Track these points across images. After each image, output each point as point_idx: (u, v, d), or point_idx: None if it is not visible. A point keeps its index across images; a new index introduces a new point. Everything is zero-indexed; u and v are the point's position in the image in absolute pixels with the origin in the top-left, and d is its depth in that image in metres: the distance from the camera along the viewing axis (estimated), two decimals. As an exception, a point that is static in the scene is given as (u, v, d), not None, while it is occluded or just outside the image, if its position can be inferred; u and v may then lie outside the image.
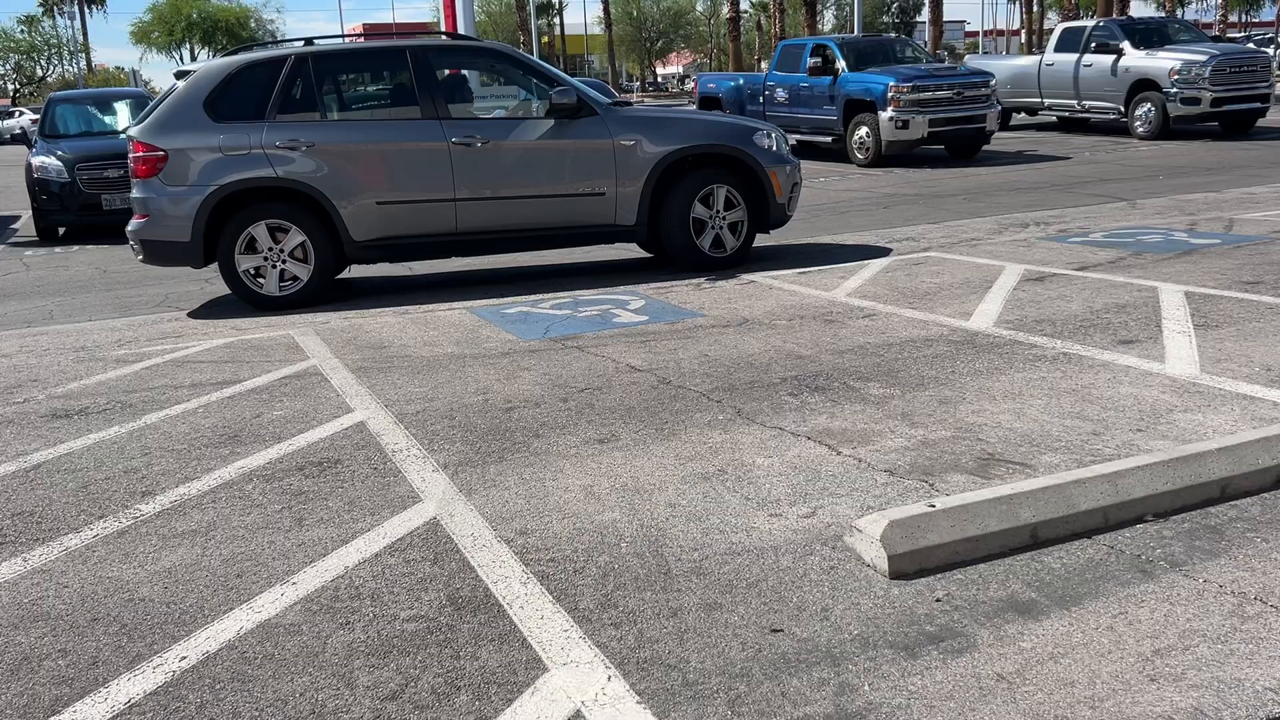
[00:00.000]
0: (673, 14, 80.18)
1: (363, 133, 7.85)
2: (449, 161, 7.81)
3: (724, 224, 8.41)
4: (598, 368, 5.65)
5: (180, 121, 7.61)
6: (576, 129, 8.03)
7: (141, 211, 7.69)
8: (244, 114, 7.68)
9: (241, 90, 7.74)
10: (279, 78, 7.78)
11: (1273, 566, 3.10)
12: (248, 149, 7.56)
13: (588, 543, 3.49)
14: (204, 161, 7.54)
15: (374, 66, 8.60)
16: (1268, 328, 5.72)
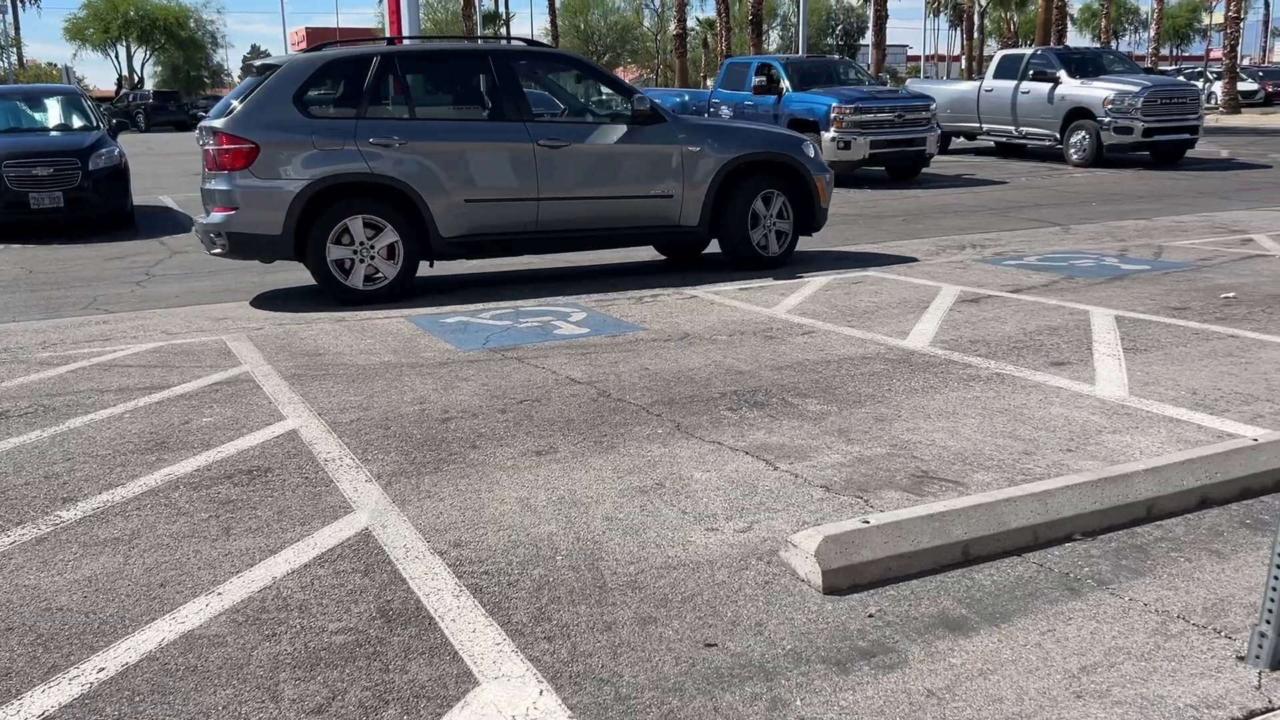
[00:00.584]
0: (620, 28, 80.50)
1: (453, 132, 8.03)
2: (534, 162, 8.05)
3: (774, 227, 8.91)
4: (537, 379, 5.62)
5: (271, 115, 7.60)
6: (647, 135, 8.41)
7: (227, 204, 7.60)
8: (335, 110, 7.83)
9: (330, 86, 7.88)
10: (368, 75, 7.89)
11: (1195, 586, 3.17)
12: (341, 144, 7.61)
13: (523, 555, 3.46)
14: (297, 155, 7.56)
15: (457, 68, 8.71)
16: (1194, 352, 5.87)
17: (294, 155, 7.56)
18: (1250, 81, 50.51)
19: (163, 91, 60.09)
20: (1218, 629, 2.91)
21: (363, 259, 7.76)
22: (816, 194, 9.00)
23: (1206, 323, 6.57)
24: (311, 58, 8.01)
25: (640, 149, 8.39)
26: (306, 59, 7.99)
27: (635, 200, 8.43)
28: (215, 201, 7.69)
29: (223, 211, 7.62)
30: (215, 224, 7.67)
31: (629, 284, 8.51)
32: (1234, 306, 7.04)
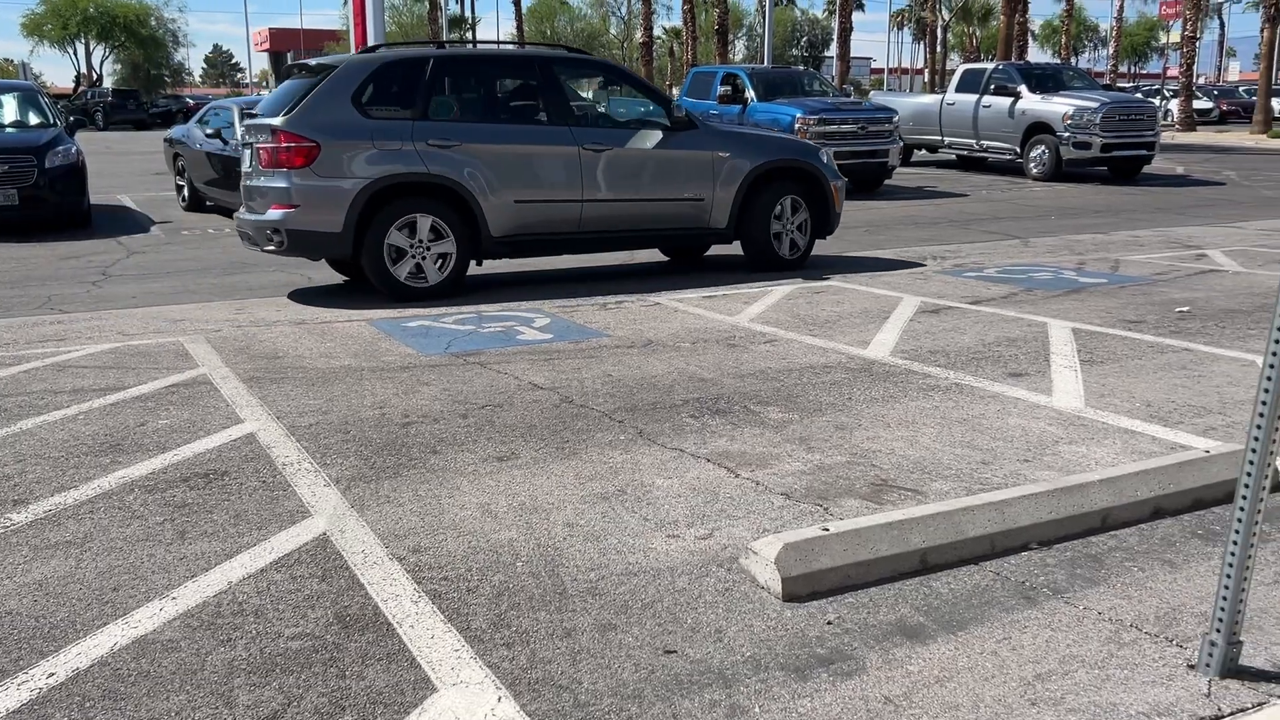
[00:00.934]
0: (586, 35, 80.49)
1: (504, 135, 8.23)
2: (579, 165, 8.35)
3: (793, 230, 9.30)
4: (499, 384, 5.60)
5: (330, 115, 7.70)
6: (682, 140, 8.76)
7: (286, 201, 7.65)
8: (392, 110, 7.93)
9: (386, 87, 8.01)
10: (424, 77, 8.08)
11: (1148, 595, 3.21)
12: (399, 145, 7.77)
13: (483, 562, 3.44)
14: (357, 154, 7.68)
15: (506, 72, 8.89)
16: (1148, 365, 5.96)
17: (354, 155, 7.68)
18: (1205, 100, 51.44)
19: (122, 90, 59.24)
20: (1169, 638, 2.95)
21: (417, 257, 7.93)
22: (832, 199, 9.42)
23: (1161, 336, 6.68)
24: (369, 59, 8.16)
25: (675, 154, 8.72)
26: (364, 60, 8.13)
27: (670, 203, 8.79)
28: (271, 199, 7.73)
29: (281, 209, 7.67)
30: (272, 221, 7.70)
31: (594, 289, 8.51)
32: (1188, 320, 7.16)
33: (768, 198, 9.07)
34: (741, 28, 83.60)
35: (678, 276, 9.19)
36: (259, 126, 7.89)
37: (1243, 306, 7.62)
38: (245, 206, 8.21)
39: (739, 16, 78.83)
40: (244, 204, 8.27)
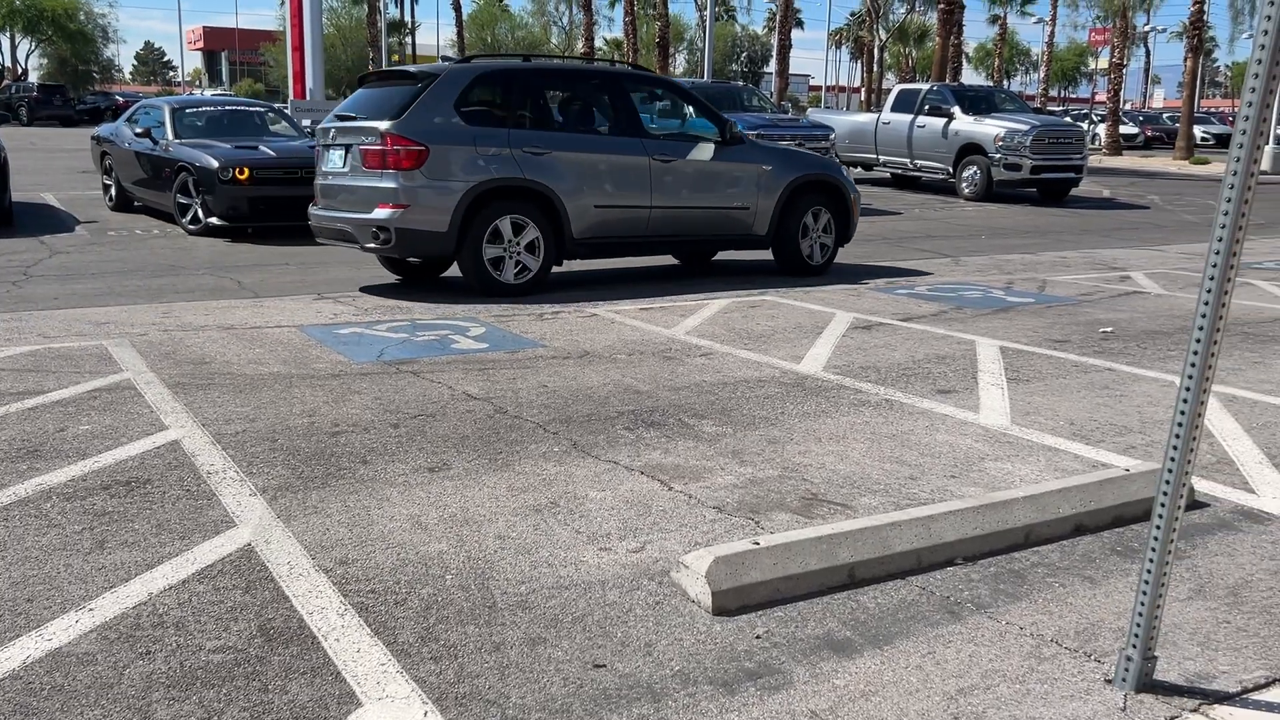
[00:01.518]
0: (527, 44, 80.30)
1: (587, 144, 8.87)
2: (649, 174, 9.02)
3: (819, 239, 10.12)
4: (432, 394, 5.55)
5: (437, 120, 8.18)
6: (733, 154, 9.51)
7: (396, 201, 8.04)
8: (489, 118, 8.48)
9: (484, 95, 8.60)
10: (517, 87, 8.77)
11: (1068, 610, 3.28)
12: (498, 150, 8.30)
13: (411, 574, 3.41)
14: (462, 159, 8.17)
15: (587, 86, 9.47)
16: (1073, 384, 6.10)
17: (459, 159, 8.17)
18: (1131, 125, 52.90)
19: (48, 85, 57.66)
20: (1088, 652, 3.02)
21: (510, 255, 8.46)
22: (852, 211, 10.27)
23: (1085, 356, 6.84)
24: (468, 68, 8.74)
25: (728, 166, 9.47)
26: (464, 69, 8.70)
27: (722, 211, 9.54)
28: (378, 198, 8.08)
29: (389, 208, 8.05)
30: (380, 219, 8.06)
31: (532, 300, 8.48)
32: (1111, 341, 7.35)
33: (799, 208, 9.86)
34: (683, 41, 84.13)
35: (611, 283, 9.20)
36: (361, 129, 8.24)
37: (1164, 328, 7.84)
38: (328, 205, 8.66)
39: (680, 30, 79.34)
40: (323, 202, 8.74)
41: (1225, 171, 2.49)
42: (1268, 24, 2.36)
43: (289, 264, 10.38)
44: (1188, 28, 39.63)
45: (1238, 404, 5.68)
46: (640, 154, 9.00)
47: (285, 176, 12.31)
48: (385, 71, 9.46)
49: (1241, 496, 4.31)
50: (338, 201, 8.52)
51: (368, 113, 8.44)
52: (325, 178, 8.73)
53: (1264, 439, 5.06)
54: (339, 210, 8.48)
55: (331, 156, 8.63)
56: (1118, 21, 49.61)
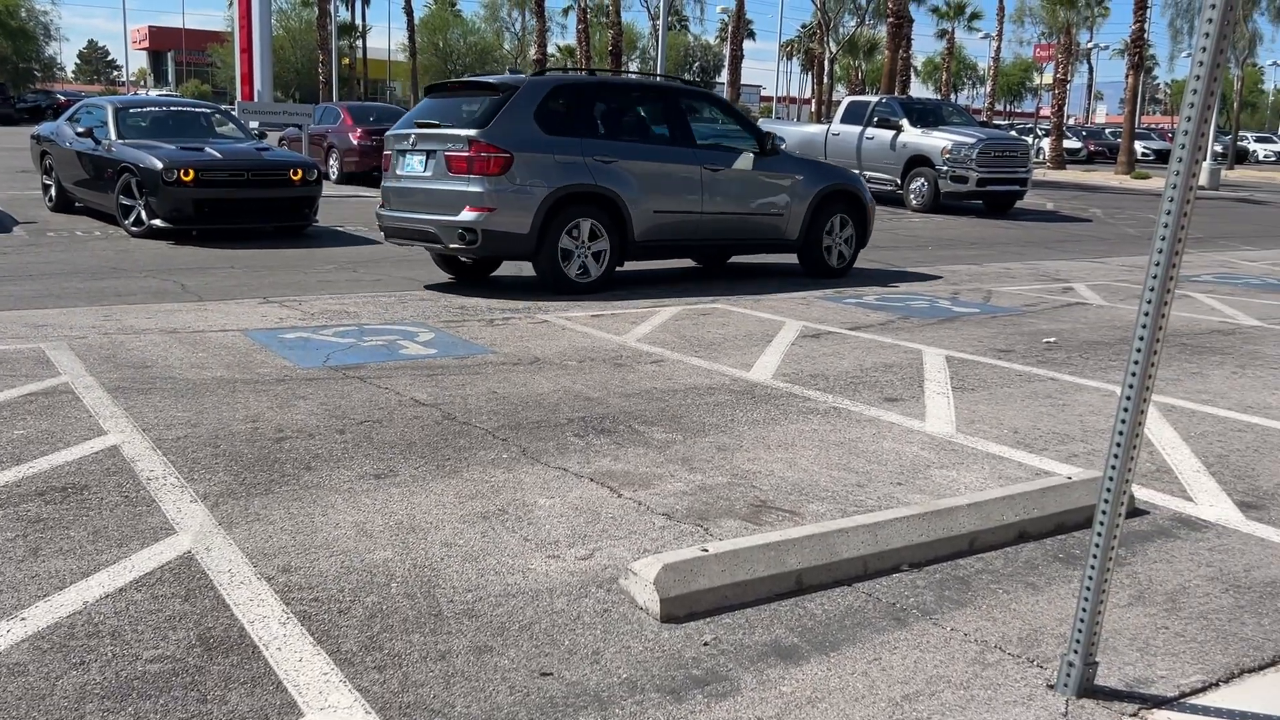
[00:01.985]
0: (479, 49, 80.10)
1: (649, 153, 9.50)
2: (701, 182, 9.70)
3: (842, 243, 10.88)
4: (379, 399, 5.49)
5: (519, 129, 8.72)
6: (770, 164, 10.23)
7: (482, 205, 8.55)
8: (563, 127, 9.00)
9: (559, 106, 9.11)
10: (588, 99, 9.50)
11: (1012, 617, 3.32)
12: (573, 158, 8.91)
13: (355, 582, 3.36)
14: (541, 165, 8.73)
15: (648, 99, 10.24)
16: (1016, 393, 6.18)
17: (539, 166, 8.73)
18: (1075, 140, 53.94)
19: (-13, 82, 56.46)
20: (1031, 658, 3.05)
21: (581, 256, 9.08)
22: (869, 218, 11.10)
23: (1029, 365, 6.94)
24: (544, 80, 9.38)
25: (766, 175, 10.22)
26: (541, 81, 9.33)
27: (761, 216, 10.29)
28: (465, 201, 8.59)
29: (476, 211, 8.56)
30: (467, 221, 8.58)
31: (481, 305, 8.44)
32: (1054, 351, 7.47)
33: (824, 215, 10.62)
34: (635, 50, 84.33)
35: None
36: (446, 136, 8.78)
37: (1105, 339, 7.98)
38: (403, 206, 9.16)
39: (633, 38, 79.54)
40: (397, 204, 9.25)
41: (1165, 186, 2.54)
42: (1205, 40, 2.41)
43: (234, 267, 10.23)
44: (1129, 46, 40.51)
45: (1176, 413, 5.79)
46: (693, 163, 9.69)
47: (231, 179, 12.16)
48: (457, 82, 10.09)
49: (1180, 504, 4.39)
50: (417, 204, 8.98)
51: (450, 121, 8.97)
52: (400, 181, 9.20)
53: (1201, 448, 5.17)
54: (418, 212, 8.94)
55: (410, 161, 9.11)
56: (1062, 38, 50.56)
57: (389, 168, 9.42)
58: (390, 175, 9.37)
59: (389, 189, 9.40)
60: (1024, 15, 56.61)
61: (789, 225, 10.47)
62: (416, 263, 11.00)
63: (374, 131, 21.32)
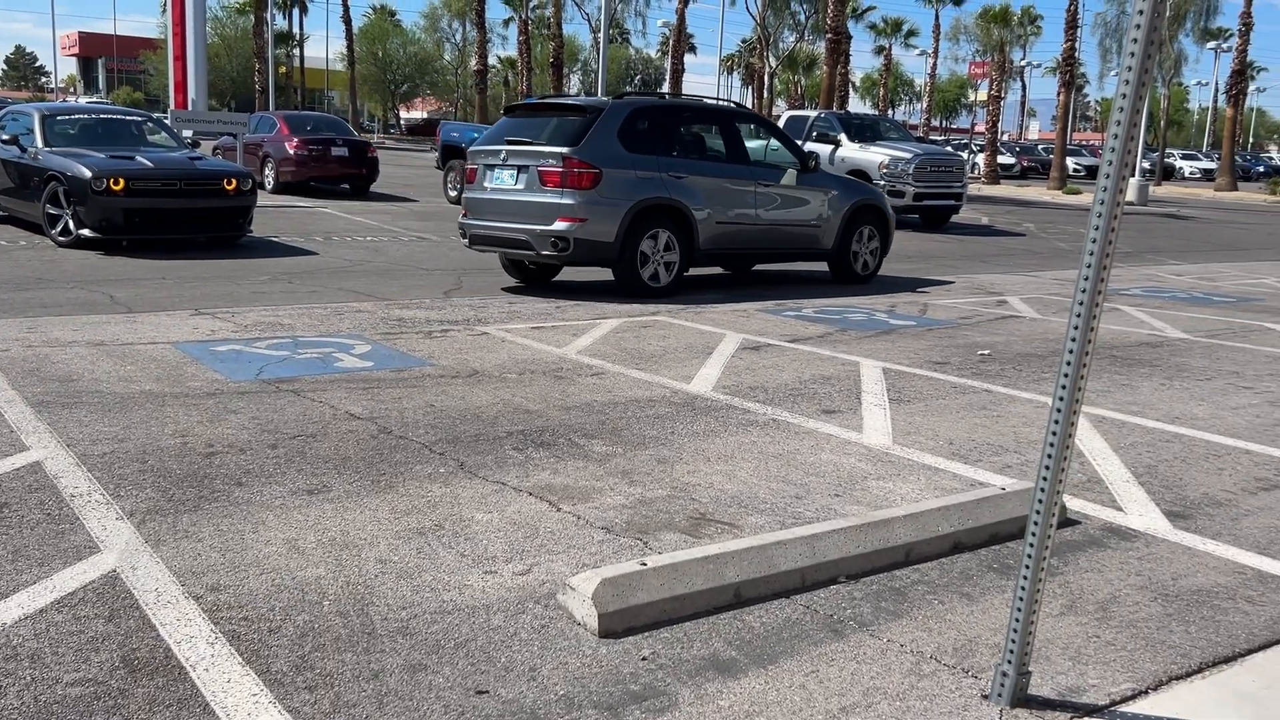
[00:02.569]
0: (419, 59, 79.55)
1: (712, 170, 10.44)
2: (754, 196, 10.65)
3: (868, 253, 11.91)
4: (313, 413, 5.40)
5: (606, 147, 9.59)
6: (811, 180, 11.22)
7: (574, 215, 9.39)
8: (642, 145, 9.87)
9: (638, 126, 9.96)
10: (662, 120, 10.37)
11: (947, 627, 3.34)
12: (651, 174, 9.81)
13: (286, 600, 3.29)
14: (625, 180, 9.61)
15: (711, 120, 11.13)
16: (951, 404, 6.26)
17: (623, 181, 9.59)
18: (1009, 155, 55.03)
19: (-92, 87, 54.80)
20: (966, 669, 3.07)
21: (655, 263, 9.93)
22: (890, 230, 12.22)
23: (964, 377, 7.04)
24: (625, 103, 10.13)
25: (808, 190, 11.20)
26: (622, 104, 10.08)
27: (803, 228, 11.26)
28: (557, 213, 9.39)
29: (568, 221, 9.40)
30: (559, 230, 9.39)
31: (420, 317, 8.35)
32: (989, 363, 7.58)
33: (853, 227, 11.60)
34: (577, 62, 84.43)
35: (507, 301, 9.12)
36: (539, 153, 9.61)
37: (1038, 351, 8.13)
38: (491, 217, 9.88)
39: (574, 50, 79.62)
40: (486, 215, 9.95)
41: (1093, 202, 2.58)
42: (1131, 59, 2.46)
43: (165, 278, 10.02)
44: (1061, 64, 41.46)
45: (1107, 424, 5.90)
46: (748, 179, 10.64)
47: (163, 188, 11.91)
48: (538, 103, 11.10)
49: (1111, 514, 4.47)
50: (507, 214, 9.76)
51: (536, 139, 9.85)
52: (488, 193, 9.97)
53: (1131, 458, 5.27)
54: (509, 221, 9.74)
55: (499, 175, 9.92)
56: (996, 56, 51.60)
57: (473, 180, 10.21)
58: (475, 188, 10.14)
59: (475, 200, 10.13)
60: (959, 33, 57.74)
61: (825, 236, 11.42)
62: (353, 274, 10.89)
63: (311, 141, 21.12)
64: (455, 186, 21.13)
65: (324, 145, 21.17)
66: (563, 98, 11.18)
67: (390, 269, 11.51)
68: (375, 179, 22.17)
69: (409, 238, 14.82)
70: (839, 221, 11.43)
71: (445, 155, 21.90)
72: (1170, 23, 43.80)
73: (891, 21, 71.51)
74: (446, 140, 22.02)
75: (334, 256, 12.33)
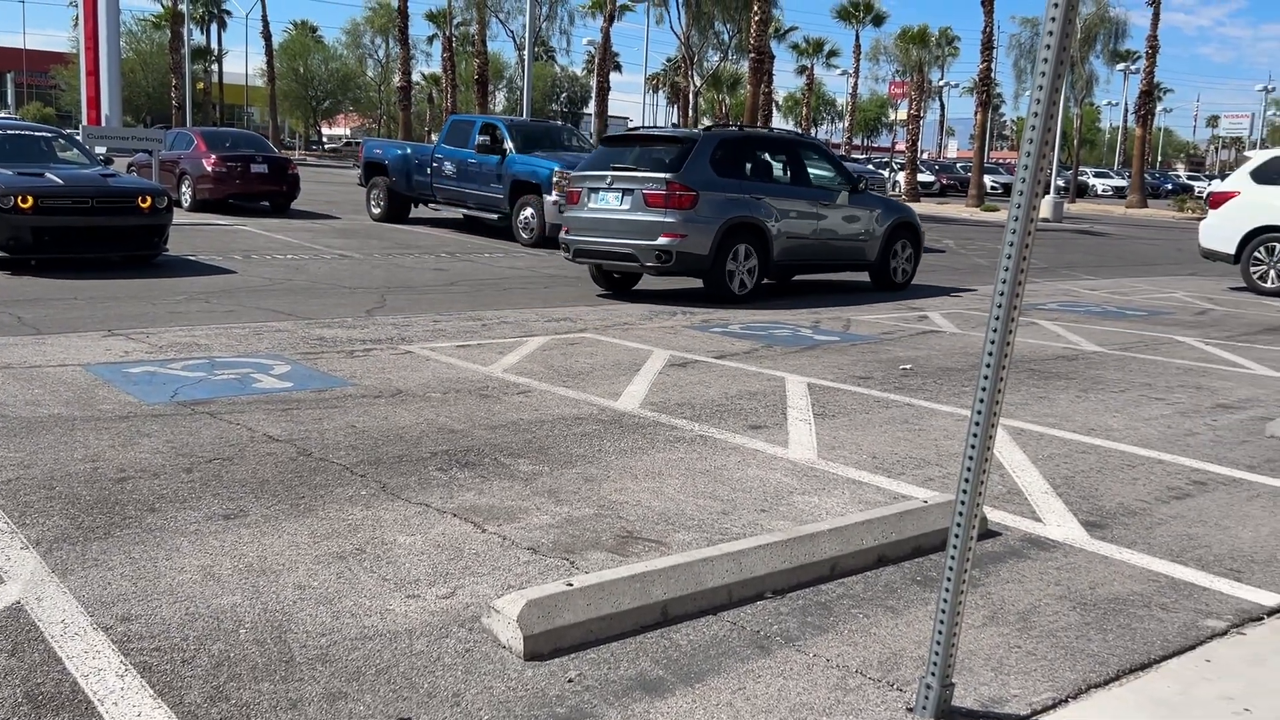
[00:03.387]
0: (341, 76, 78.66)
1: (783, 192, 12.06)
2: (815, 214, 12.24)
3: (905, 263, 13.61)
4: (231, 436, 5.26)
5: (701, 172, 11.11)
6: (858, 200, 12.82)
7: (676, 232, 10.87)
8: (728, 171, 11.49)
9: (724, 154, 11.53)
10: (742, 148, 12.00)
11: (872, 641, 3.36)
12: (736, 195, 11.39)
13: (201, 629, 3.19)
14: (716, 201, 11.15)
15: (780, 149, 12.80)
16: (875, 419, 6.33)
17: (715, 201, 11.12)
18: (928, 173, 56.10)
19: None
20: (890, 682, 3.09)
21: (740, 274, 11.49)
22: (921, 245, 14.05)
23: (887, 391, 7.13)
24: (714, 134, 11.77)
25: (857, 209, 12.77)
26: (712, 135, 11.67)
27: (852, 242, 12.87)
28: (661, 230, 10.86)
29: (671, 237, 10.87)
30: (664, 245, 10.86)
31: (342, 336, 8.22)
32: (911, 377, 7.69)
33: (893, 241, 13.27)
34: (502, 79, 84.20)
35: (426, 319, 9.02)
36: (642, 178, 11.08)
37: (958, 365, 8.27)
38: (596, 234, 11.34)
39: (499, 68, 79.41)
40: (590, 232, 11.39)
41: (1008, 219, 2.63)
42: (1042, 79, 2.51)
43: (77, 298, 9.72)
44: (977, 84, 42.47)
45: (1026, 436, 6.02)
46: (810, 199, 12.25)
47: (74, 206, 11.56)
48: (632, 134, 12.87)
49: (1030, 525, 4.55)
50: (612, 231, 11.21)
51: (633, 166, 11.35)
52: (592, 213, 11.41)
53: (1049, 470, 5.38)
54: (614, 238, 11.21)
55: (604, 197, 11.35)
56: (915, 76, 52.69)
57: (576, 201, 11.65)
58: (580, 208, 11.57)
59: (578, 218, 11.59)
60: (880, 53, 58.76)
61: (870, 249, 13.03)
62: (273, 293, 10.68)
63: (229, 158, 20.71)
64: (379, 204, 20.83)
65: (243, 162, 20.79)
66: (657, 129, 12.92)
67: (311, 287, 11.32)
68: (296, 196, 21.82)
69: (331, 255, 14.60)
70: (882, 236, 13.09)
71: (368, 172, 21.41)
72: (1081, 44, 45.20)
73: (813, 42, 72.60)
74: (370, 158, 21.59)
75: (253, 275, 12.09)
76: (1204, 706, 3.01)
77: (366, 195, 21.33)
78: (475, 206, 18.78)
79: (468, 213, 19.03)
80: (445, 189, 19.17)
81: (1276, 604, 3.78)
